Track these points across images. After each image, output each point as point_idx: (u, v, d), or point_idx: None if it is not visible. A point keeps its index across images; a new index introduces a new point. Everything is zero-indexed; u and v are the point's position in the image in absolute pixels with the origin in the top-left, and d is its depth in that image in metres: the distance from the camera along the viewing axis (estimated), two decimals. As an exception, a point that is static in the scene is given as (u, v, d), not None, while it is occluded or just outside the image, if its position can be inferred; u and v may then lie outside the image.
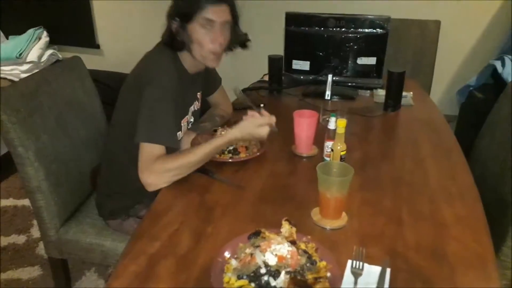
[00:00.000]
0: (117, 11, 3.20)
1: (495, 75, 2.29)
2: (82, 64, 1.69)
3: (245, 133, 1.26)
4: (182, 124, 1.43)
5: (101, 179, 1.53)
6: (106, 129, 1.66)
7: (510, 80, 2.10)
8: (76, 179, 1.55)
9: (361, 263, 0.93)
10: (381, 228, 1.07)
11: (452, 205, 1.14)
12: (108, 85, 2.45)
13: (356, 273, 0.91)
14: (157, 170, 1.19)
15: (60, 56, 2.98)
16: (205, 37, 1.31)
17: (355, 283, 0.89)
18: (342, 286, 0.86)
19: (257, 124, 1.25)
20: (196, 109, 1.57)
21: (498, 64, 2.27)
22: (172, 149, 1.28)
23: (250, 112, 1.29)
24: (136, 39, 3.08)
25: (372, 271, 0.92)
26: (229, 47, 1.43)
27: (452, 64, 2.71)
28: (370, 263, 0.94)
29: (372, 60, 1.90)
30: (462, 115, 2.43)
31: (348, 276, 0.91)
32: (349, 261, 0.95)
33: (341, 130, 1.23)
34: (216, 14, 1.29)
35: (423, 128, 1.65)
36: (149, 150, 1.22)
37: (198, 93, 1.57)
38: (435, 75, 2.54)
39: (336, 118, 1.26)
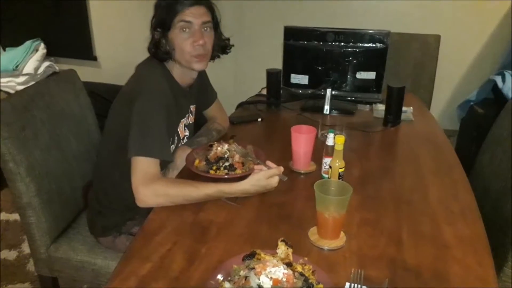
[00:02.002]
0: (115, 22, 3.19)
1: (496, 90, 2.28)
2: (77, 77, 1.67)
3: (257, 186, 1.21)
4: (175, 137, 1.40)
5: (93, 195, 1.50)
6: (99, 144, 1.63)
7: (510, 95, 2.08)
8: (68, 195, 1.51)
9: (359, 286, 0.90)
10: (380, 249, 1.03)
11: (453, 225, 1.11)
12: (105, 97, 2.43)
13: (355, 297, 0.87)
14: (156, 191, 1.17)
15: (57, 68, 2.97)
16: (186, 41, 1.32)
17: (354, 308, 0.85)
18: (340, 311, 0.82)
19: (267, 176, 1.21)
20: (190, 122, 1.55)
21: (498, 79, 2.25)
22: (165, 162, 1.25)
23: (257, 167, 1.25)
24: (133, 51, 3.04)
25: (371, 295, 0.88)
26: (215, 53, 1.43)
27: (453, 79, 2.70)
28: (369, 285, 0.90)
29: (371, 75, 1.89)
30: (463, 130, 2.41)
31: (346, 300, 0.87)
32: (347, 284, 0.91)
33: (339, 147, 1.20)
34: (193, 15, 1.30)
35: (424, 144, 1.62)
36: (144, 165, 1.19)
37: (192, 106, 1.54)
38: (435, 89, 2.53)
39: (335, 134, 1.23)
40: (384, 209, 1.19)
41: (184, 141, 1.52)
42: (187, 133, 1.54)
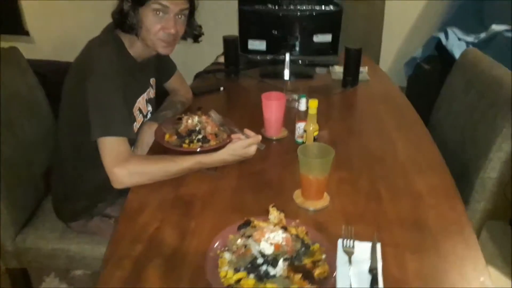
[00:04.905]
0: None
1: (440, 47, 2.40)
2: (20, 55, 1.52)
3: (235, 155, 1.21)
4: (134, 114, 1.35)
5: (55, 182, 1.42)
6: (55, 126, 1.52)
7: (454, 51, 2.21)
8: (29, 183, 1.42)
9: (351, 241, 0.94)
10: (362, 205, 1.08)
11: (423, 176, 1.19)
12: (45, 75, 2.25)
13: (349, 252, 0.92)
14: (133, 169, 1.12)
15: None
16: (156, 25, 1.24)
17: (349, 261, 0.90)
18: (337, 266, 0.86)
19: (245, 145, 1.21)
20: (151, 97, 1.49)
21: (442, 36, 2.37)
22: (131, 140, 1.21)
23: (235, 135, 1.24)
24: (70, 22, 2.85)
25: (363, 248, 0.93)
26: (183, 37, 1.38)
27: (399, 37, 2.81)
28: (359, 240, 0.95)
29: (328, 37, 1.91)
30: (410, 86, 2.53)
31: (341, 256, 0.91)
32: (339, 241, 0.95)
33: (313, 110, 1.22)
34: (173, 1, 1.23)
35: (383, 102, 1.70)
36: (113, 145, 1.14)
37: (151, 80, 1.48)
38: (382, 48, 2.62)
39: (307, 99, 1.25)
40: (358, 167, 1.24)
41: (149, 116, 1.47)
42: (150, 108, 1.48)
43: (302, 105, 1.28)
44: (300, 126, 1.30)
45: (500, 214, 1.70)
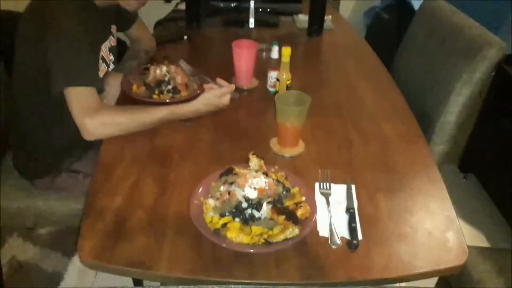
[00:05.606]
0: None
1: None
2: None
3: (209, 105, 1.20)
4: (102, 64, 1.29)
5: (15, 140, 1.35)
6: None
7: (412, 0, 2.25)
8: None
9: (328, 184, 0.99)
10: (336, 150, 1.13)
11: (391, 122, 1.24)
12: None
13: (326, 194, 0.97)
14: (105, 120, 1.08)
15: None
16: None
17: (328, 202, 0.94)
18: (316, 207, 0.90)
19: (219, 95, 1.19)
20: (113, 45, 1.41)
21: (400, -15, 2.39)
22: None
23: (207, 85, 1.22)
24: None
25: (338, 190, 0.98)
26: None
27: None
28: (334, 183, 1.00)
29: (292, -16, 1.87)
30: (369, 36, 2.57)
31: (319, 197, 0.96)
32: (317, 184, 0.99)
33: (286, 59, 1.22)
34: None
35: (348, 51, 1.72)
36: (82, 95, 1.09)
37: (112, 27, 1.40)
38: (342, -2, 2.61)
39: (280, 47, 1.24)
40: (330, 115, 1.28)
41: (111, 66, 1.40)
42: (112, 57, 1.41)
43: (274, 53, 1.27)
44: (272, 75, 1.29)
45: (451, 157, 1.83)
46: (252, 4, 1.82)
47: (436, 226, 0.90)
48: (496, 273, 1.15)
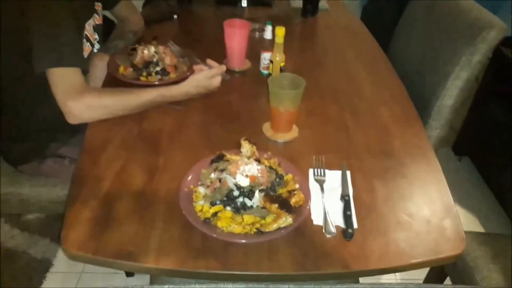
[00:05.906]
0: None
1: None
2: None
3: (199, 87, 1.15)
4: (86, 43, 1.23)
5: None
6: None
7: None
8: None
9: (322, 170, 0.96)
10: (331, 135, 1.09)
11: (388, 107, 1.21)
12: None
13: (320, 180, 0.93)
14: (90, 103, 1.03)
15: None
16: None
17: (322, 189, 0.91)
18: (311, 195, 0.87)
19: (209, 76, 1.14)
20: (97, 23, 1.35)
21: (397, -36, 2.32)
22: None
23: (197, 67, 1.17)
24: None
25: (333, 176, 0.95)
26: None
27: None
28: (329, 169, 0.97)
29: (286, -39, 1.80)
30: (365, 16, 2.50)
31: (313, 184, 0.92)
32: (311, 170, 0.96)
33: (280, 39, 1.17)
34: None
35: (344, 33, 1.67)
36: (66, 76, 1.04)
37: (97, 4, 1.33)
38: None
39: (273, 27, 1.19)
40: (326, 98, 1.24)
41: (96, 45, 1.34)
42: (97, 36, 1.34)
43: (267, 34, 1.22)
44: (265, 56, 1.24)
45: (446, 140, 1.81)
46: (245, -19, 1.76)
47: (434, 213, 0.88)
48: (491, 259, 1.13)
